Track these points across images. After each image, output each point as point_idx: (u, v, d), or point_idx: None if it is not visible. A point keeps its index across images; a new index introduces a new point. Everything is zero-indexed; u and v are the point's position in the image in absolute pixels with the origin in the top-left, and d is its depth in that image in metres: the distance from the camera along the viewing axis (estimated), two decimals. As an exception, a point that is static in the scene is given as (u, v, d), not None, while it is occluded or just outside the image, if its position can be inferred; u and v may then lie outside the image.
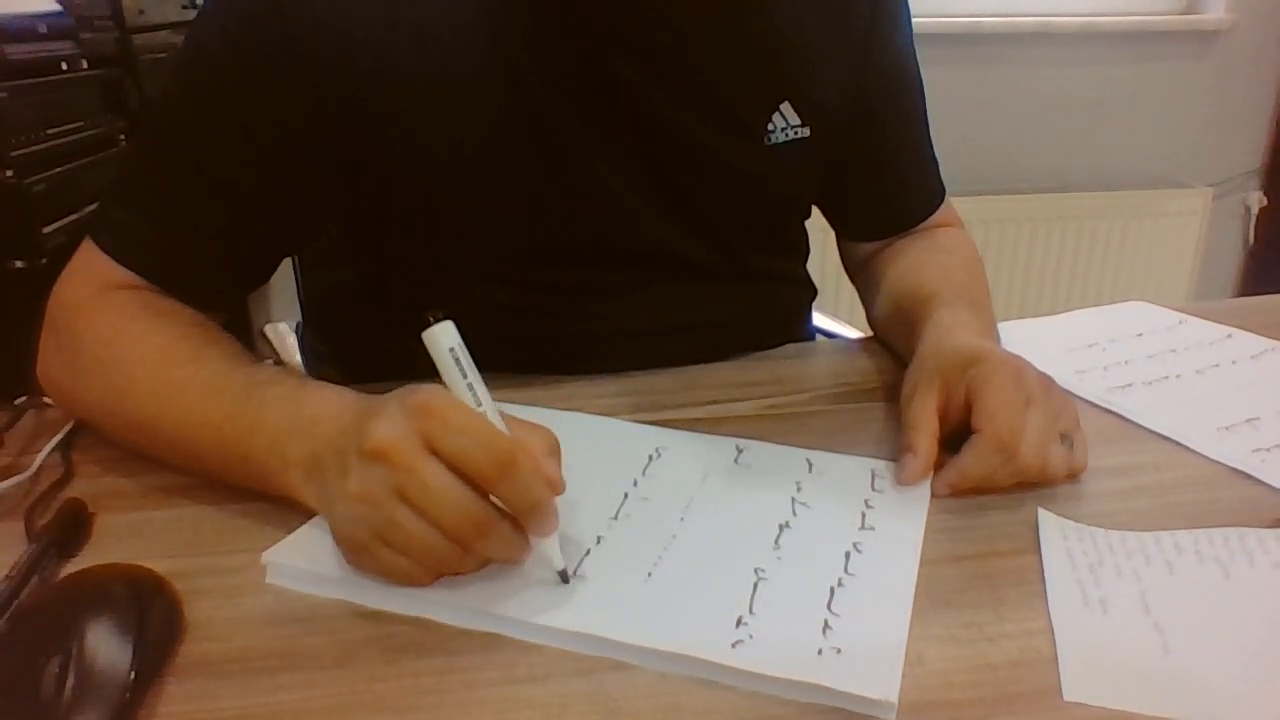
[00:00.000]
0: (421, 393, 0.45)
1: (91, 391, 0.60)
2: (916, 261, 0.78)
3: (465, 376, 0.45)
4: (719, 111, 0.69)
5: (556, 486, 0.46)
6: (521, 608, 0.44)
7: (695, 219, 0.72)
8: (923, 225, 0.83)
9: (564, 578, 0.46)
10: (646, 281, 0.73)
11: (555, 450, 0.48)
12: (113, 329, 0.60)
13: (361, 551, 0.45)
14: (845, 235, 0.87)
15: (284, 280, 0.76)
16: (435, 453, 0.43)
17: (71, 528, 0.51)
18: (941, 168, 0.84)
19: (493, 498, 0.44)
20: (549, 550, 0.46)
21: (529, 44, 0.64)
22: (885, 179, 0.82)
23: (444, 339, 0.45)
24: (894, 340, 0.76)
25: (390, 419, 0.44)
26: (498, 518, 0.44)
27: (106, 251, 0.63)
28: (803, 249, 0.84)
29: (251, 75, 0.62)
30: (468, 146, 0.65)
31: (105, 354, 0.59)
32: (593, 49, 0.65)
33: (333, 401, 0.51)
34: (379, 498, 0.43)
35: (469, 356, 0.46)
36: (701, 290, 0.75)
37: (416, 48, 0.62)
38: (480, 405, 0.45)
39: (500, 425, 0.45)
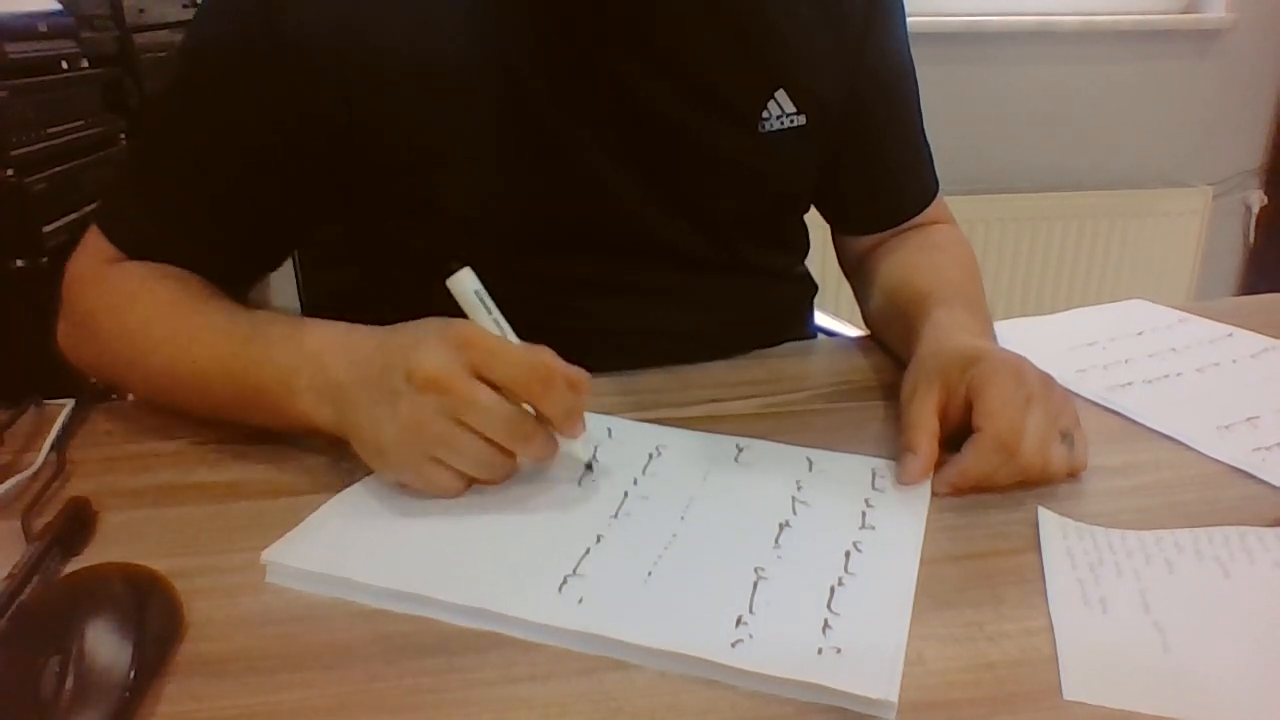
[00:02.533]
0: (458, 326, 0.51)
1: (111, 348, 0.64)
2: (911, 259, 0.78)
3: (490, 313, 0.53)
4: (713, 100, 0.69)
5: (583, 388, 0.52)
6: (521, 607, 0.44)
7: (691, 210, 0.72)
8: (917, 221, 0.83)
9: (590, 467, 0.55)
10: (645, 276, 0.73)
11: (555, 356, 0.53)
12: (123, 290, 0.64)
13: (408, 468, 0.51)
14: (839, 230, 0.87)
15: (284, 280, 0.76)
16: (482, 379, 0.49)
17: (75, 526, 0.51)
18: (941, 168, 0.84)
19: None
20: (576, 448, 0.54)
21: (522, 36, 0.64)
22: (879, 173, 0.82)
23: (469, 283, 0.53)
24: (889, 338, 0.76)
25: (435, 350, 0.50)
26: (539, 425, 0.52)
27: (112, 240, 0.66)
28: (802, 245, 0.84)
29: (245, 73, 0.63)
30: (462, 140, 0.65)
31: (120, 311, 0.63)
32: (586, 40, 0.65)
33: (333, 333, 0.56)
34: (432, 422, 0.50)
35: (489, 296, 0.53)
36: (700, 283, 0.75)
37: (410, 43, 0.63)
38: (505, 334, 0.53)
39: (523, 349, 0.52)
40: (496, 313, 0.53)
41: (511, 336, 0.53)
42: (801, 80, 0.71)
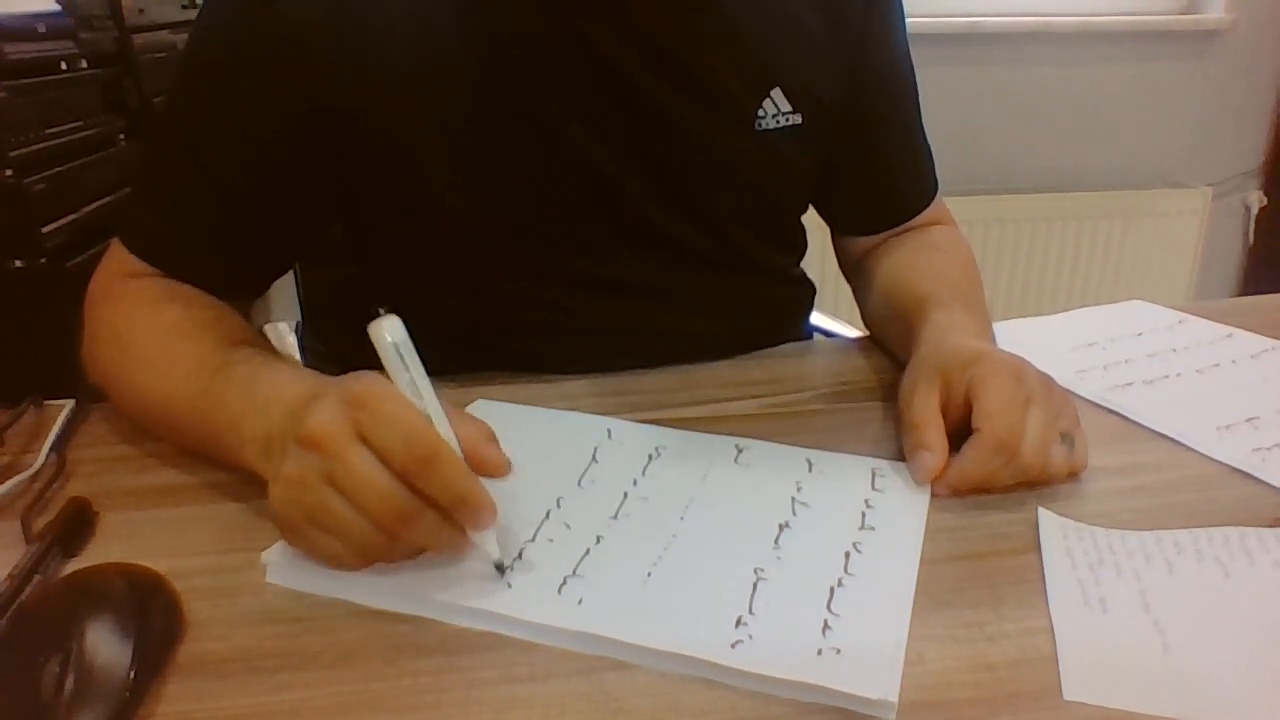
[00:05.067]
0: (362, 381, 0.46)
1: (107, 368, 0.64)
2: (910, 260, 0.78)
3: (407, 370, 0.46)
4: (709, 97, 0.69)
5: (499, 469, 0.47)
6: (521, 607, 0.44)
7: (688, 206, 0.72)
8: (916, 222, 0.83)
9: (500, 570, 0.46)
10: (643, 273, 0.73)
11: (491, 437, 0.48)
12: (132, 309, 0.64)
13: (294, 531, 0.47)
14: (838, 230, 0.87)
15: (284, 280, 0.76)
16: (365, 442, 0.44)
17: (75, 526, 0.51)
18: (941, 168, 0.84)
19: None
20: (484, 543, 0.46)
21: (518, 31, 0.64)
22: (878, 174, 0.82)
23: (387, 333, 0.46)
24: (888, 339, 0.76)
25: (327, 407, 0.46)
26: (422, 508, 0.44)
27: (129, 248, 0.66)
28: (800, 246, 0.84)
29: (245, 75, 0.63)
30: (460, 137, 0.65)
31: (122, 328, 0.63)
32: (580, 34, 0.65)
33: (285, 384, 0.52)
34: (310, 482, 0.45)
35: (413, 349, 0.46)
36: (698, 281, 0.75)
37: (407, 39, 0.63)
38: (421, 398, 0.46)
39: (440, 418, 0.46)
40: (416, 370, 0.46)
41: (430, 399, 0.46)
42: (798, 79, 0.71)
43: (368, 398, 0.45)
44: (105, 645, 0.40)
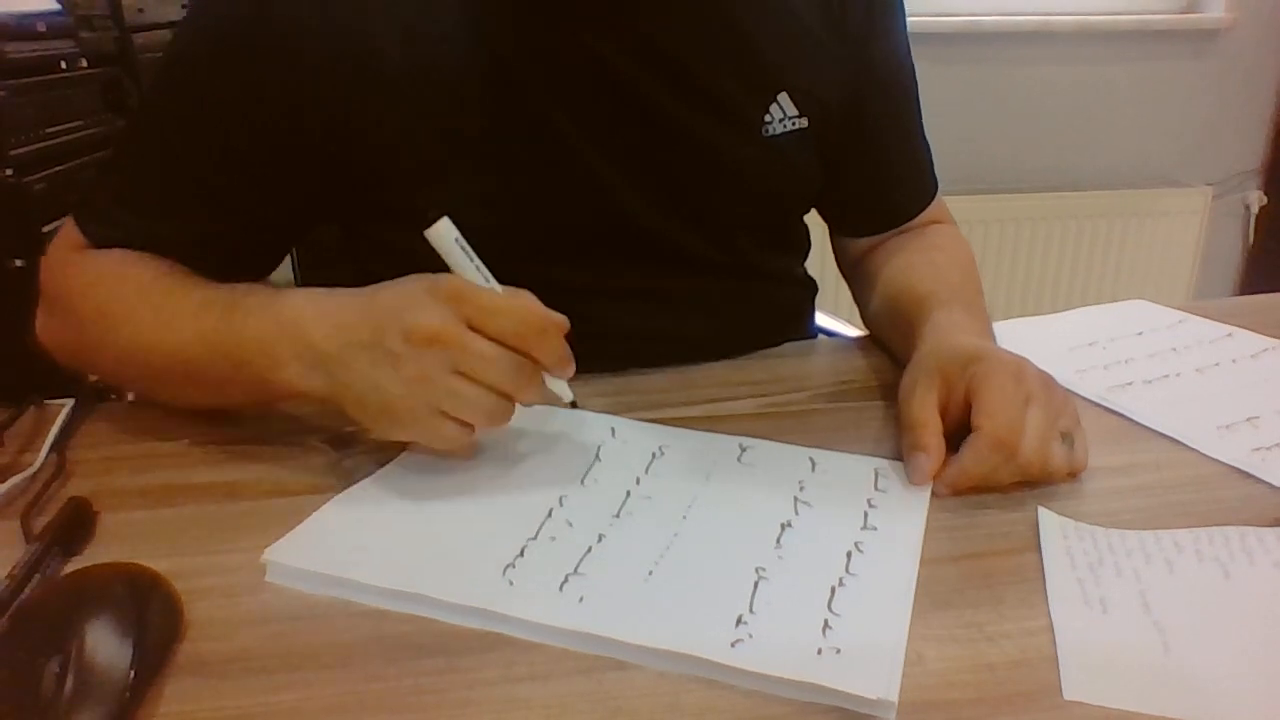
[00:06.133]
0: (445, 281, 0.52)
1: (85, 330, 0.63)
2: (910, 261, 0.78)
3: (473, 261, 0.53)
4: (714, 104, 0.69)
5: (565, 327, 0.54)
6: (522, 607, 0.44)
7: (694, 214, 0.72)
8: (915, 222, 0.83)
9: (575, 404, 0.58)
10: (645, 277, 0.72)
11: (539, 303, 0.54)
12: (99, 271, 0.64)
13: (417, 423, 0.52)
14: (838, 231, 0.86)
15: (284, 280, 0.76)
16: (477, 330, 0.50)
17: (75, 526, 0.51)
18: (941, 168, 0.84)
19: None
20: (561, 388, 0.57)
21: (517, 38, 0.64)
22: (878, 175, 0.82)
23: (448, 232, 0.53)
24: (889, 340, 0.76)
25: (429, 308, 0.51)
26: (535, 369, 0.53)
27: (86, 233, 0.65)
28: (803, 246, 0.84)
29: (228, 76, 0.63)
30: (457, 143, 0.65)
31: (99, 294, 0.63)
32: (583, 42, 0.65)
33: (311, 301, 0.56)
34: (435, 375, 0.51)
35: (468, 244, 0.53)
36: (702, 286, 0.75)
37: (401, 45, 0.62)
38: (488, 281, 0.53)
39: (504, 295, 0.53)
40: (478, 261, 0.53)
41: (494, 284, 0.54)
42: (803, 83, 0.71)
43: (464, 292, 0.51)
44: (105, 645, 0.40)
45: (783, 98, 0.71)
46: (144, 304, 0.61)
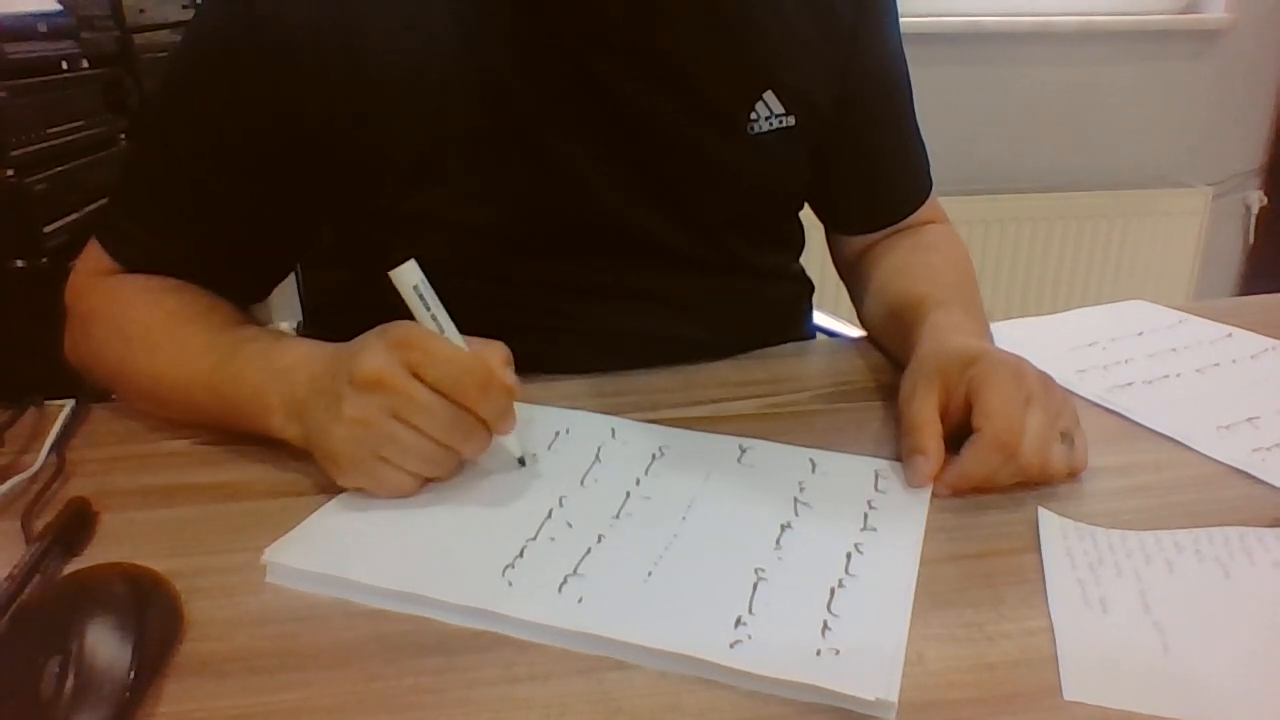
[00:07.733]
0: (398, 328, 0.53)
1: (105, 352, 0.65)
2: (905, 261, 0.78)
3: (429, 309, 0.53)
4: (699, 102, 0.69)
5: (514, 393, 0.54)
6: (522, 607, 0.44)
7: (682, 212, 0.72)
8: (910, 221, 0.83)
9: (522, 462, 0.56)
10: (638, 279, 0.72)
11: (509, 359, 0.56)
12: (122, 297, 0.66)
13: (358, 468, 0.52)
14: (832, 230, 0.86)
15: (284, 280, 0.76)
16: (419, 378, 0.50)
17: (76, 526, 0.51)
18: (940, 168, 0.84)
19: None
20: (509, 443, 0.56)
21: (506, 40, 0.64)
22: (872, 173, 0.82)
23: (408, 277, 0.52)
24: (886, 342, 0.76)
25: (375, 352, 0.51)
26: (476, 424, 0.52)
27: (109, 253, 0.67)
28: (796, 243, 0.84)
29: (220, 79, 0.64)
30: (448, 145, 0.65)
31: (121, 318, 0.65)
32: (570, 43, 0.65)
33: (300, 351, 0.58)
34: (375, 420, 0.51)
35: (431, 290, 0.53)
36: (694, 285, 0.74)
37: (392, 49, 0.63)
38: (445, 332, 0.53)
39: (463, 346, 0.53)
40: (436, 308, 0.53)
41: (451, 332, 0.53)
42: (790, 81, 0.71)
43: (412, 339, 0.52)
44: (105, 645, 0.40)
45: (769, 96, 0.71)
46: (159, 335, 0.63)
